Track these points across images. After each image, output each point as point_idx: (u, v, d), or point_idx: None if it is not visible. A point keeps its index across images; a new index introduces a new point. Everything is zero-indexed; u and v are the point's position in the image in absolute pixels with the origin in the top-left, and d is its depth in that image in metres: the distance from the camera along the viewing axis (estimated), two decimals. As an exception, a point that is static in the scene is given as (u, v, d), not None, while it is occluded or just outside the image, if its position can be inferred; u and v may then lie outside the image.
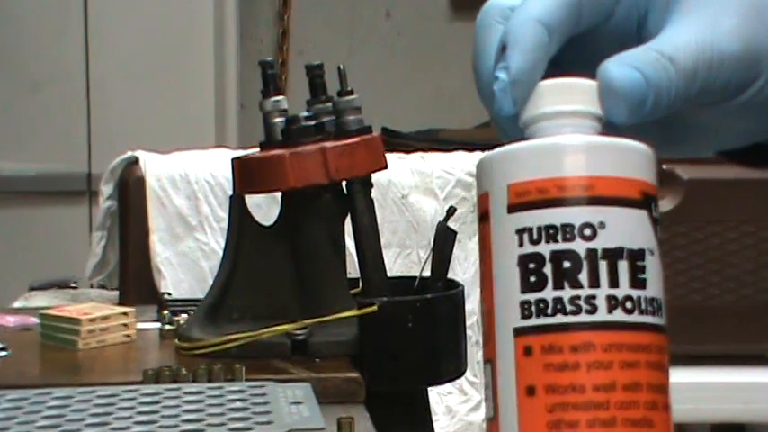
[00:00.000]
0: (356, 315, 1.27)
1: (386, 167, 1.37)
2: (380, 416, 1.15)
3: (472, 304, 2.14)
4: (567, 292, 0.49)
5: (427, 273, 1.35)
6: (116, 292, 2.17)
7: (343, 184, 1.34)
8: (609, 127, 0.53)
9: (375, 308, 1.26)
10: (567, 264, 0.49)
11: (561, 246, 0.49)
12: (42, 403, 0.95)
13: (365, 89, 1.43)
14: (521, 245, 0.50)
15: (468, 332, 1.70)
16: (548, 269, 0.49)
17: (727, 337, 2.17)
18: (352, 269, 1.37)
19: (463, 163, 2.22)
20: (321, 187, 1.31)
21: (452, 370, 1.33)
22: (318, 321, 1.28)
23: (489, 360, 0.51)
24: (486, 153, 0.52)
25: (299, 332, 1.27)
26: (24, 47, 3.14)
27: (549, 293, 0.49)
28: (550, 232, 0.49)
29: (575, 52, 0.56)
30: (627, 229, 0.50)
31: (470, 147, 2.35)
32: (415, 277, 1.38)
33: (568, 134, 0.51)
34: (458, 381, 1.82)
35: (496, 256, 0.51)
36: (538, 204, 0.50)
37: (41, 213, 3.16)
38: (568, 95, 0.52)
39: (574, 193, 0.49)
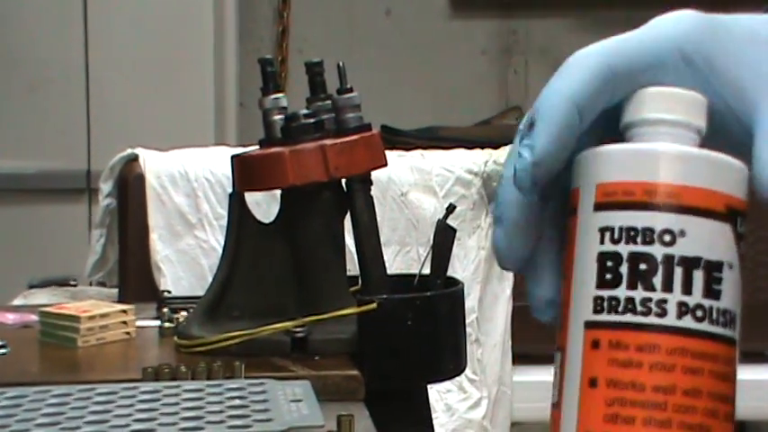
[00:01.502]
0: (356, 313, 1.27)
1: (385, 165, 1.37)
2: (380, 413, 1.15)
3: (471, 302, 2.14)
4: (639, 293, 0.50)
5: (427, 270, 1.35)
6: (115, 290, 2.17)
7: (343, 181, 1.34)
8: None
9: (374, 305, 1.26)
10: (642, 266, 0.50)
11: (639, 248, 0.50)
12: (42, 401, 0.95)
13: (365, 87, 1.43)
14: (602, 242, 0.51)
15: (468, 330, 1.70)
16: (624, 269, 0.51)
17: (726, 334, 2.17)
18: (352, 267, 1.37)
19: (463, 160, 2.22)
20: (321, 185, 1.31)
21: (452, 368, 1.33)
22: (318, 319, 1.28)
23: (560, 348, 0.53)
24: (584, 150, 0.53)
25: (298, 330, 1.27)
26: (24, 45, 3.14)
27: (622, 292, 0.50)
28: (631, 234, 0.51)
29: (609, 123, 0.55)
30: (707, 239, 0.51)
31: (470, 144, 2.35)
32: (415, 275, 1.38)
33: (663, 142, 0.52)
34: (457, 378, 1.83)
35: (578, 251, 0.52)
36: (622, 205, 0.51)
37: (41, 211, 3.16)
38: (671, 105, 0.53)
39: (658, 198, 0.51)
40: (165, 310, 1.45)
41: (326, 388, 1.14)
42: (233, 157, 1.36)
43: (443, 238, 1.34)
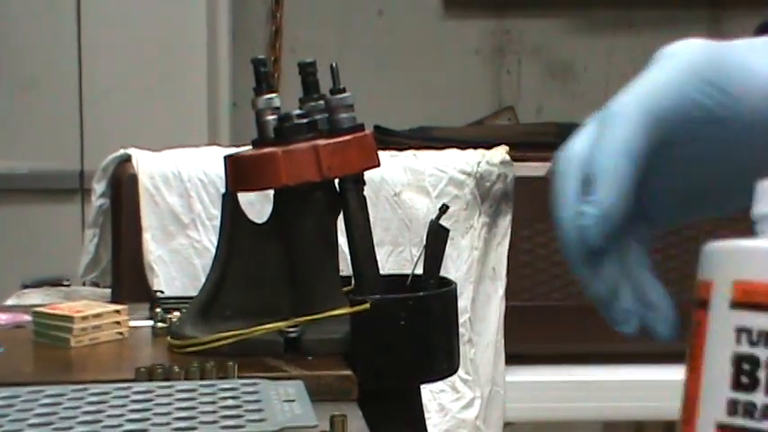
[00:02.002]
0: (349, 313, 1.27)
1: (378, 165, 1.37)
2: (373, 413, 1.15)
3: (464, 302, 2.14)
4: None
5: (420, 271, 1.35)
6: (108, 290, 2.17)
7: (336, 181, 1.34)
8: None
9: (367, 305, 1.26)
10: None
11: None
12: (34, 401, 0.95)
13: (358, 87, 1.43)
14: (738, 343, 0.50)
15: (461, 330, 1.70)
16: (762, 374, 0.49)
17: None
18: (345, 267, 1.37)
19: (456, 161, 2.22)
20: (313, 185, 1.31)
21: (445, 368, 1.33)
22: (311, 319, 1.28)
23: None
24: (716, 242, 0.52)
25: (291, 330, 1.27)
26: (17, 45, 3.14)
27: (759, 398, 0.49)
28: None
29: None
30: None
31: (463, 144, 2.35)
32: (408, 275, 1.38)
33: None
34: (450, 378, 1.83)
35: (710, 347, 0.51)
36: (763, 307, 0.50)
37: (34, 211, 3.16)
38: None
39: None
40: (158, 310, 1.45)
41: (320, 388, 1.14)
42: (226, 158, 1.36)
43: (436, 239, 1.34)
